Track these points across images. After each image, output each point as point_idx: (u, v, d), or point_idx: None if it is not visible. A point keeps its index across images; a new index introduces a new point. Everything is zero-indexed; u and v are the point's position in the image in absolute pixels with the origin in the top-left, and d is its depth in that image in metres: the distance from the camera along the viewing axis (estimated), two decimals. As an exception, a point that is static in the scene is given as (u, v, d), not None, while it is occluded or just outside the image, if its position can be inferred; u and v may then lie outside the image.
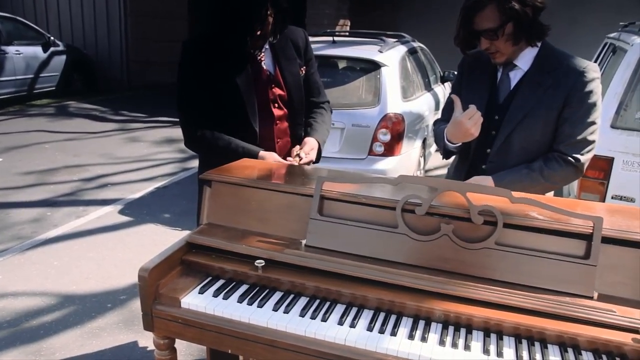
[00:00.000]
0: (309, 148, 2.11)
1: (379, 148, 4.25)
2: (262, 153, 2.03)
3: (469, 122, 1.76)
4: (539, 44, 1.85)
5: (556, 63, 1.83)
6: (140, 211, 4.83)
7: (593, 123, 1.80)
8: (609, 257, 1.37)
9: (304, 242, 1.52)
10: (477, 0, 1.74)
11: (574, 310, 1.30)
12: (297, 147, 2.13)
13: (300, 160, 2.05)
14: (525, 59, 1.86)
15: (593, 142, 1.82)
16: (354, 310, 1.41)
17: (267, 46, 2.11)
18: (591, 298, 1.33)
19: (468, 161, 1.98)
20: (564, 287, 1.36)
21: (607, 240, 1.37)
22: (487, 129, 1.86)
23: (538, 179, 1.83)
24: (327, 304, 1.43)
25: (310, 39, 2.31)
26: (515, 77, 1.89)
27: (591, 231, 1.37)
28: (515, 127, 1.84)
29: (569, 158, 1.82)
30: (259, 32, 1.96)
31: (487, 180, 1.83)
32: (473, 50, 1.95)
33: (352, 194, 1.53)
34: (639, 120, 3.41)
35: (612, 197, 3.46)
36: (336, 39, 5.06)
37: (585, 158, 1.83)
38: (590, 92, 1.78)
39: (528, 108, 1.82)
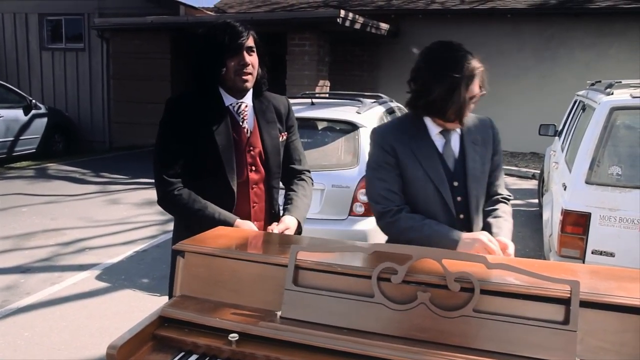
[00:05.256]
0: (284, 227, 2.03)
1: (359, 208, 4.24)
2: (238, 222, 1.99)
3: (492, 246, 1.78)
4: None
5: (471, 120, 1.97)
6: (118, 276, 4.71)
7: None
8: (588, 322, 1.34)
9: (279, 313, 1.48)
10: (477, 66, 1.81)
11: (556, 379, 1.26)
12: (275, 224, 2.05)
13: None
14: None
15: None
16: (331, 386, 1.36)
17: (248, 108, 2.11)
18: (573, 366, 1.30)
19: None
20: (544, 354, 1.32)
21: (585, 304, 1.35)
22: (451, 197, 1.90)
23: (510, 219, 1.99)
24: (304, 379, 1.38)
25: (290, 101, 2.33)
26: (455, 141, 1.95)
27: (569, 295, 1.35)
28: (478, 188, 1.94)
29: (507, 196, 2.06)
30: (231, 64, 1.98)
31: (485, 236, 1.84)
32: (382, 125, 2.07)
33: (327, 263, 1.50)
34: (612, 176, 3.48)
35: (592, 252, 3.47)
36: (315, 100, 5.16)
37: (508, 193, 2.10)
38: (500, 139, 2.05)
39: (480, 168, 1.95)
